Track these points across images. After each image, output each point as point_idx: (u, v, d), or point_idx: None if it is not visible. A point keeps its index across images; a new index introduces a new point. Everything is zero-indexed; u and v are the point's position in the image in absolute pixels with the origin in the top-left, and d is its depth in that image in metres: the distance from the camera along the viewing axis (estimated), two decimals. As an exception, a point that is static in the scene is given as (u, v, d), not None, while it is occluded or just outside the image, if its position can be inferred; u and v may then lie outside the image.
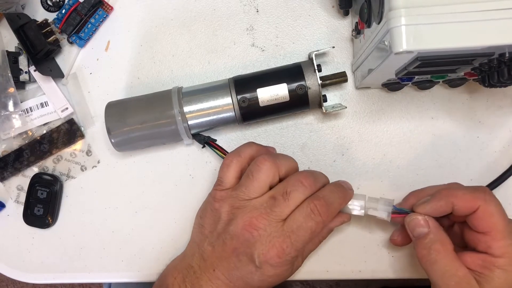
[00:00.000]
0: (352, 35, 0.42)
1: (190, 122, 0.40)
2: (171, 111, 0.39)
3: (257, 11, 0.44)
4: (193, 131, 0.41)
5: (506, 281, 0.31)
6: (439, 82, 0.39)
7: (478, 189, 0.34)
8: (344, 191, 0.37)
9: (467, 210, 0.33)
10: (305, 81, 0.38)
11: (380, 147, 0.43)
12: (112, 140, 0.40)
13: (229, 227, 0.35)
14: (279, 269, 0.34)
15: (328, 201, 0.34)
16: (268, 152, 0.39)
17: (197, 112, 0.39)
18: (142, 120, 0.39)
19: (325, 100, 0.40)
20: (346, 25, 0.43)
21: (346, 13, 0.43)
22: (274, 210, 0.34)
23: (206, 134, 0.42)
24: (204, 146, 0.43)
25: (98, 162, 0.45)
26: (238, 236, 0.34)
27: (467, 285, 0.32)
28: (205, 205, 0.39)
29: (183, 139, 0.41)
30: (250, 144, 0.39)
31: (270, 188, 0.36)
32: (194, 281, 0.36)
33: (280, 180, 0.37)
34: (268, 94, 0.39)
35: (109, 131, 0.40)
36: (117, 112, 0.40)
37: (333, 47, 0.40)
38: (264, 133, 0.44)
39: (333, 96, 0.43)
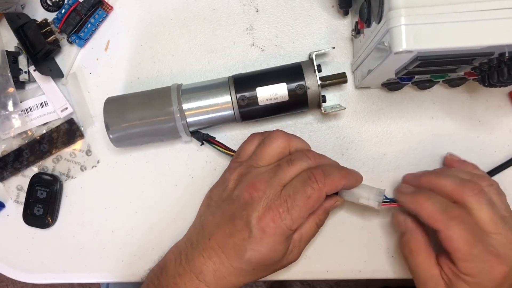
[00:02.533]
0: (352, 35, 0.42)
1: (188, 120, 0.40)
2: (170, 108, 0.39)
3: (257, 11, 0.44)
4: (191, 129, 0.41)
5: None
6: (439, 81, 0.39)
7: (449, 208, 0.33)
8: (346, 170, 0.36)
9: (430, 225, 0.33)
10: (304, 81, 0.38)
11: (380, 147, 0.43)
12: (110, 136, 0.40)
13: (233, 192, 0.36)
14: (272, 238, 0.33)
15: (326, 172, 0.35)
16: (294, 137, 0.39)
17: (196, 109, 0.39)
18: (141, 116, 0.39)
19: (325, 101, 0.40)
20: (346, 25, 0.43)
21: (346, 13, 0.43)
22: (277, 174, 0.35)
23: (205, 132, 0.42)
24: (202, 143, 0.43)
25: (98, 162, 0.45)
26: (239, 198, 0.35)
27: (434, 285, 0.34)
28: (218, 180, 0.40)
29: (181, 136, 0.41)
30: (279, 130, 0.39)
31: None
32: (189, 252, 0.37)
33: None
34: (267, 93, 0.39)
35: (107, 127, 0.39)
36: (116, 108, 0.40)
37: (334, 47, 0.40)
38: (264, 133, 0.44)
39: (332, 96, 0.43)
